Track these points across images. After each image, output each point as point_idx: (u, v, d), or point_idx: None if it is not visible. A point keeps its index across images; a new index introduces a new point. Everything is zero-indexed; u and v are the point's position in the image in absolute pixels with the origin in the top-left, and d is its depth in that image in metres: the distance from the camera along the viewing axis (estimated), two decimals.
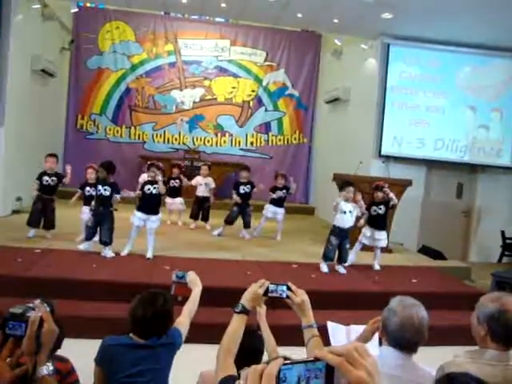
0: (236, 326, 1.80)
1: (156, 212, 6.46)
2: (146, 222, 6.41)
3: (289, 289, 1.87)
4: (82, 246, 6.42)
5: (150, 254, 6.38)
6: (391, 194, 6.75)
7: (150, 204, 6.43)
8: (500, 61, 9.39)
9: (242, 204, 8.27)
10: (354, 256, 6.95)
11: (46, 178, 6.93)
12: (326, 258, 6.59)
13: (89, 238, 6.40)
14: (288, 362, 0.84)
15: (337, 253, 6.60)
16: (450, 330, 5.02)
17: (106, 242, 6.31)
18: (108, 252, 6.33)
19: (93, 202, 6.43)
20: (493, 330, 2.13)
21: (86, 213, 6.82)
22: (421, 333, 2.11)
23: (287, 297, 1.86)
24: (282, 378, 0.82)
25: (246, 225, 8.36)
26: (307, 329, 1.87)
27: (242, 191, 8.28)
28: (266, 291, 1.86)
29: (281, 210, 8.44)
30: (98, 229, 6.35)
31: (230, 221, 8.33)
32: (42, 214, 7.00)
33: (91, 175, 7.00)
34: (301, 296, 1.88)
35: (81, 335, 4.06)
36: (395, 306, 2.17)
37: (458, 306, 5.47)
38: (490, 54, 9.29)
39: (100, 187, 6.30)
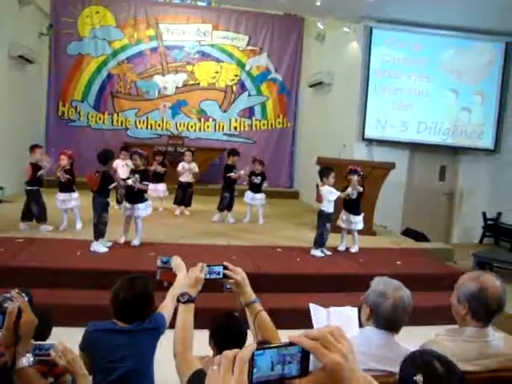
0: (186, 317, 1.75)
1: (142, 200, 6.40)
2: (133, 211, 6.34)
3: (225, 268, 1.84)
4: (101, 245, 6.11)
5: (136, 242, 6.34)
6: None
7: (132, 194, 6.34)
8: (482, 44, 9.43)
9: (231, 188, 8.29)
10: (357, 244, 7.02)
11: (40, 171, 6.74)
12: (320, 244, 6.64)
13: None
14: (261, 347, 0.84)
15: None
16: (433, 311, 5.09)
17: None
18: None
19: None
20: (473, 309, 2.18)
21: (59, 200, 6.84)
22: (408, 313, 2.19)
23: (225, 276, 1.82)
24: (255, 362, 0.82)
25: (230, 208, 8.39)
26: (251, 305, 1.83)
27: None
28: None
29: (259, 196, 8.44)
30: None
31: (222, 207, 8.34)
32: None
33: (63, 161, 6.81)
34: (240, 274, 1.84)
35: (68, 323, 4.04)
36: (384, 289, 2.21)
37: (441, 286, 5.53)
38: (472, 37, 9.31)
39: None
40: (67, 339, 2.71)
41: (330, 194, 6.47)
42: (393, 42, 9.42)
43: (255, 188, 8.39)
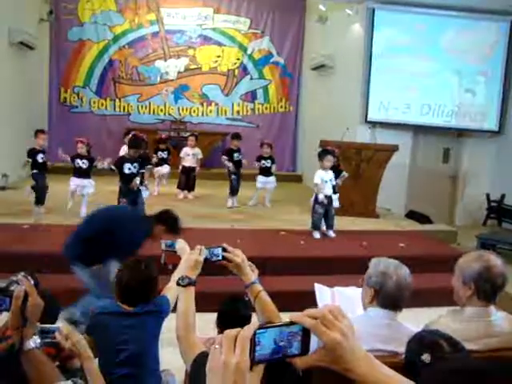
0: (188, 300, 1.75)
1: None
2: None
3: (224, 250, 1.84)
4: None
5: None
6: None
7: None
8: (486, 23, 9.31)
9: (237, 171, 8.33)
10: None
11: (41, 155, 6.80)
12: (315, 226, 6.70)
13: None
14: (262, 325, 0.85)
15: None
16: (436, 293, 5.10)
17: None
18: None
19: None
20: (480, 288, 2.19)
21: (73, 183, 6.97)
22: (410, 290, 2.20)
23: (224, 258, 1.82)
24: (257, 341, 0.83)
25: (236, 192, 8.46)
26: (251, 286, 1.84)
27: (236, 158, 8.35)
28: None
29: (271, 179, 8.51)
30: None
31: (234, 191, 8.40)
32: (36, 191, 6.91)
33: (81, 150, 6.99)
34: (240, 255, 1.85)
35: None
36: (385, 269, 2.22)
37: (445, 268, 5.51)
38: (475, 17, 9.20)
39: (128, 165, 6.30)
40: None
41: (316, 178, 6.51)
42: (395, 23, 9.32)
43: (266, 172, 8.43)
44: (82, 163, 6.96)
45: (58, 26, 11.83)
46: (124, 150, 7.44)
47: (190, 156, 8.82)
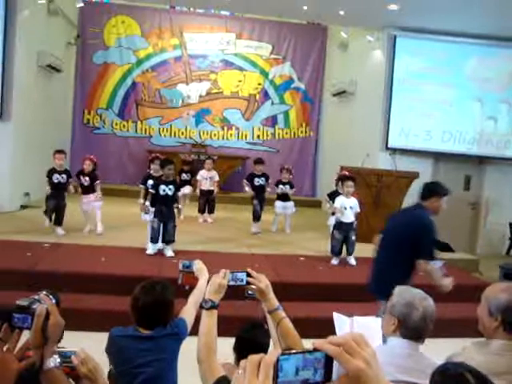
0: (210, 323, 1.75)
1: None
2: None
3: (248, 275, 1.83)
4: (151, 250, 6.28)
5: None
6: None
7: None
8: (508, 51, 9.29)
9: (259, 196, 8.26)
10: None
11: (56, 175, 6.94)
12: (333, 252, 6.66)
13: (155, 240, 6.30)
14: (286, 352, 0.84)
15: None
16: (458, 323, 5.01)
17: (170, 241, 6.32)
18: (169, 251, 6.32)
19: (147, 202, 6.39)
20: (506, 320, 2.13)
21: (84, 203, 7.24)
22: (433, 322, 2.16)
23: (247, 283, 1.81)
24: (280, 367, 0.82)
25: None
26: (274, 312, 1.81)
27: (256, 183, 8.29)
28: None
29: (289, 204, 8.46)
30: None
31: (257, 217, 8.30)
32: (53, 210, 7.03)
33: (88, 167, 7.21)
34: (264, 281, 1.83)
35: (92, 328, 4.11)
36: (411, 299, 2.18)
37: (466, 298, 5.44)
38: (497, 44, 9.20)
39: (164, 187, 6.22)
40: (87, 344, 2.75)
41: (336, 201, 6.57)
42: (416, 51, 9.36)
43: (284, 197, 8.40)
44: (85, 180, 7.17)
45: (84, 50, 12.14)
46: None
47: (207, 179, 8.86)
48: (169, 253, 6.30)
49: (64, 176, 6.99)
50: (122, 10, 12.21)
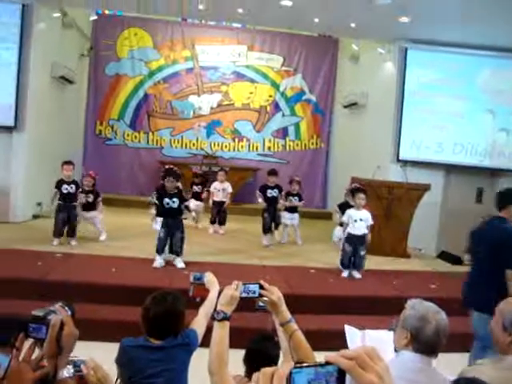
0: (222, 334, 1.75)
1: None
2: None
3: (261, 287, 1.83)
4: (158, 263, 6.29)
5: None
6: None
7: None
8: None
9: (270, 208, 8.22)
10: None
11: (65, 186, 7.02)
12: (342, 264, 6.65)
13: (161, 250, 6.33)
14: (298, 365, 0.84)
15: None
16: (471, 337, 4.95)
17: (177, 252, 6.35)
18: (180, 262, 6.34)
19: (153, 210, 6.42)
20: None
21: (87, 218, 7.49)
22: (446, 336, 2.13)
23: (260, 295, 1.81)
24: (292, 380, 0.82)
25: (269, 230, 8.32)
26: (286, 325, 1.81)
27: (269, 195, 8.25)
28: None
29: (296, 215, 8.45)
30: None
31: (267, 229, 8.24)
32: (65, 223, 7.09)
33: (88, 183, 7.42)
34: (276, 293, 1.83)
35: (103, 338, 4.11)
36: (424, 313, 2.15)
37: None
38: (509, 56, 9.16)
39: (167, 200, 6.24)
40: (97, 354, 2.75)
41: (345, 215, 6.62)
42: (428, 62, 9.34)
43: (292, 208, 8.38)
44: (89, 197, 7.31)
45: (97, 61, 12.27)
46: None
47: (220, 191, 8.88)
48: (179, 264, 6.30)
49: (73, 186, 7.06)
50: (135, 22, 12.33)
